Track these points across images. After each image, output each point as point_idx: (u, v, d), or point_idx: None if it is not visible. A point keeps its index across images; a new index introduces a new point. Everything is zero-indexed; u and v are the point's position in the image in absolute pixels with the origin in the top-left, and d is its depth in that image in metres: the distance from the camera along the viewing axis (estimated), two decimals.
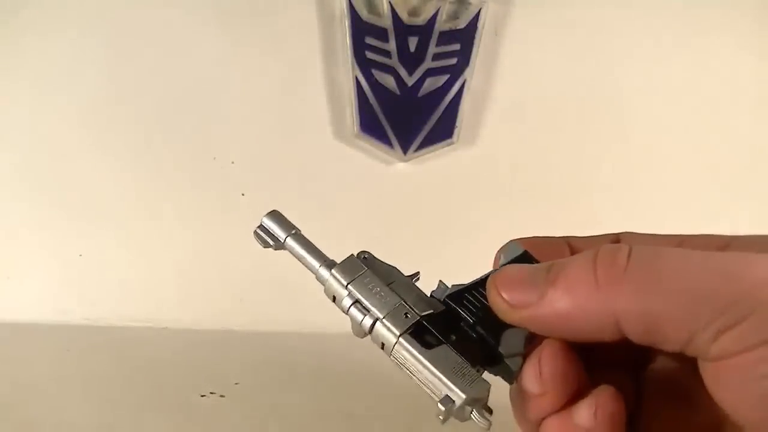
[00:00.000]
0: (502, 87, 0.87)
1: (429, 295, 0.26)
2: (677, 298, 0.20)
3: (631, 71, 0.88)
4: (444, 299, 0.25)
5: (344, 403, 0.65)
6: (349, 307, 0.25)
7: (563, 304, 0.21)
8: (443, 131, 0.85)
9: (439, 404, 0.22)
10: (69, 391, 0.66)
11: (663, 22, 0.87)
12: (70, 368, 0.73)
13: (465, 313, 0.25)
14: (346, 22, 0.81)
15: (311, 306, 0.86)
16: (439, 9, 0.81)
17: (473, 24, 0.82)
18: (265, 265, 0.87)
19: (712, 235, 0.26)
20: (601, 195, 0.88)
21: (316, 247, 0.27)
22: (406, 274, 0.27)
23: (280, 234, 0.27)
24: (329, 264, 0.26)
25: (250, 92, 0.85)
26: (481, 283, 0.25)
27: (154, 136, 0.85)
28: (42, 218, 0.85)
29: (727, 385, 0.20)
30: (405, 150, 0.85)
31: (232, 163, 0.86)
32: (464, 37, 0.83)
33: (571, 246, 0.29)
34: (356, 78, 0.83)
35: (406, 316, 0.24)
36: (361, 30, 0.81)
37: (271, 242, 0.27)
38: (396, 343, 0.24)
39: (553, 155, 0.88)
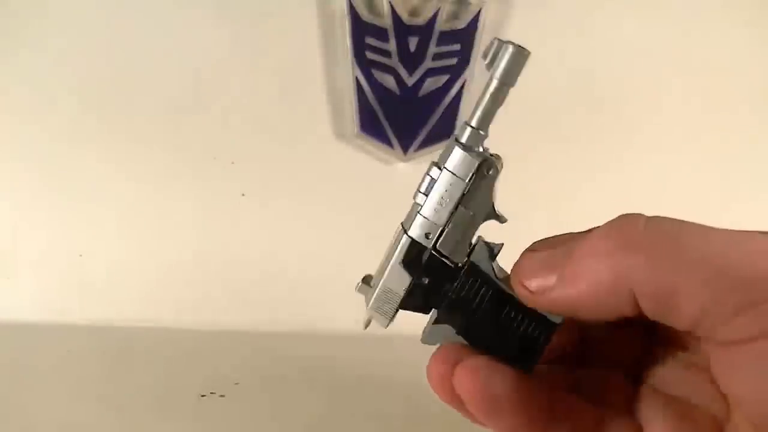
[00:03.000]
0: None
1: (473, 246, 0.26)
2: (694, 269, 0.18)
3: (632, 71, 0.88)
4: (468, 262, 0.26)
5: (344, 402, 0.65)
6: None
7: (580, 281, 0.21)
8: (443, 131, 0.85)
9: (360, 282, 0.26)
10: (69, 391, 0.66)
11: (664, 22, 0.87)
12: (70, 368, 0.73)
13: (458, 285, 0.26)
14: (346, 22, 0.81)
15: (311, 306, 0.87)
16: (439, 9, 0.81)
17: (473, 24, 0.82)
18: (265, 264, 0.87)
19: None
20: (601, 195, 0.88)
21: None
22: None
23: None
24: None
25: (250, 92, 0.85)
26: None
27: (153, 136, 0.84)
28: (42, 218, 0.85)
29: (738, 371, 0.19)
30: (405, 150, 0.85)
31: (232, 163, 0.86)
32: (464, 37, 0.83)
33: None
34: (356, 78, 0.82)
35: (427, 237, 0.26)
36: (361, 30, 0.81)
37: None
38: (400, 236, 0.27)
39: (553, 155, 0.88)
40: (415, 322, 0.27)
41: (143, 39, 0.83)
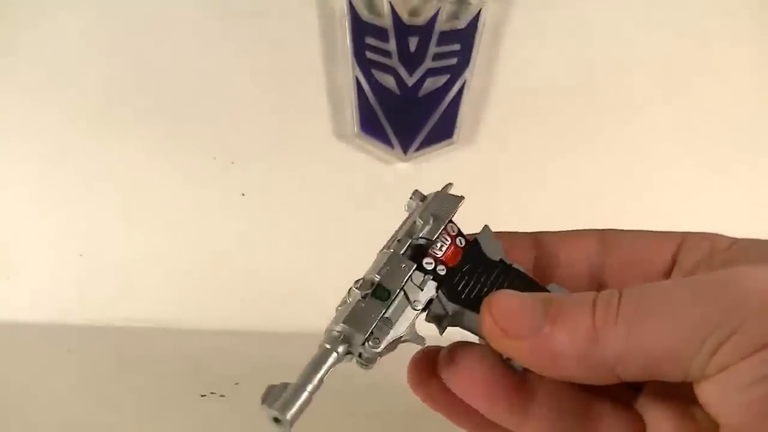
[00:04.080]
0: (502, 87, 0.87)
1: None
2: (668, 333, 0.20)
3: (632, 71, 0.88)
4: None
5: (344, 402, 0.65)
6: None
7: (561, 345, 0.21)
8: (443, 131, 0.85)
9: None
10: (69, 391, 0.66)
11: (664, 22, 0.87)
12: (70, 368, 0.73)
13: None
14: (346, 22, 0.81)
15: (311, 306, 0.86)
16: (439, 9, 0.81)
17: (473, 24, 0.82)
18: (265, 265, 0.87)
19: (716, 235, 0.26)
20: (601, 194, 0.88)
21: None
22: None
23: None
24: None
25: (250, 92, 0.85)
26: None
27: (153, 136, 0.84)
28: (42, 218, 0.85)
29: (721, 396, 0.20)
30: (405, 150, 0.85)
31: (232, 163, 0.86)
32: (464, 37, 0.83)
33: (540, 242, 0.29)
34: (356, 78, 0.82)
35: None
36: (361, 30, 0.81)
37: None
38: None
39: (553, 155, 0.88)
40: (416, 322, 0.27)
41: (143, 39, 0.83)
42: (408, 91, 0.83)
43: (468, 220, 0.29)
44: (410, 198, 0.28)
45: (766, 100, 0.90)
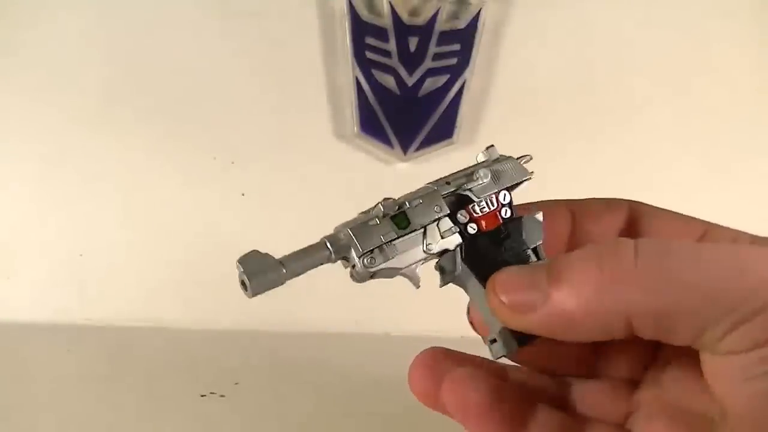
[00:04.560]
0: (502, 87, 0.87)
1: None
2: (688, 295, 0.19)
3: (632, 71, 0.88)
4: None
5: (344, 402, 0.65)
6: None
7: (570, 305, 0.20)
8: (443, 131, 0.85)
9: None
10: (69, 391, 0.66)
11: (663, 22, 0.87)
12: (70, 368, 0.73)
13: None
14: (346, 22, 0.81)
15: (311, 306, 0.86)
16: (439, 9, 0.81)
17: (473, 24, 0.82)
18: None
19: (739, 231, 0.26)
20: (601, 194, 0.88)
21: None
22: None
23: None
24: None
25: (250, 92, 0.85)
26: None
27: (153, 136, 0.84)
28: (42, 218, 0.85)
29: (729, 380, 0.20)
30: (405, 150, 0.85)
31: (232, 163, 0.86)
32: (464, 37, 0.83)
33: (573, 212, 0.28)
34: (356, 78, 0.82)
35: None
36: (361, 30, 0.81)
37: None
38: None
39: (553, 155, 0.88)
40: (416, 321, 0.27)
41: (143, 39, 0.83)
42: (408, 91, 0.83)
43: None
44: (484, 150, 0.27)
45: (766, 100, 0.90)
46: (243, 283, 0.23)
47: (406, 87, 0.83)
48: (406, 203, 0.25)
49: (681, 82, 0.89)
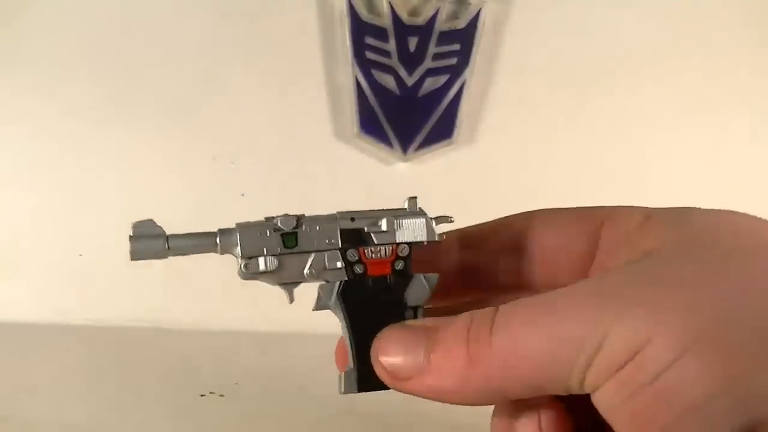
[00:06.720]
0: (502, 87, 0.87)
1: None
2: (540, 360, 0.20)
3: (632, 70, 0.88)
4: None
5: (344, 402, 0.65)
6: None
7: (445, 382, 0.21)
8: (443, 131, 0.85)
9: None
10: (69, 391, 0.66)
11: (663, 21, 0.87)
12: (70, 368, 0.73)
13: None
14: (346, 22, 0.81)
15: (311, 306, 0.86)
16: (439, 9, 0.81)
17: (473, 24, 0.82)
18: None
19: (632, 209, 0.26)
20: (601, 194, 0.88)
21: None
22: None
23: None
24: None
25: (250, 92, 0.85)
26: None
27: (153, 135, 0.84)
28: (42, 218, 0.85)
29: (607, 410, 0.20)
30: (405, 150, 0.85)
31: (232, 163, 0.86)
32: (464, 37, 0.83)
33: (467, 239, 0.29)
34: (356, 78, 0.82)
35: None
36: (361, 30, 0.81)
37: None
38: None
39: (553, 155, 0.88)
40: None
41: (142, 39, 0.83)
42: (408, 91, 0.83)
43: (468, 220, 0.29)
44: (408, 199, 0.27)
45: (766, 100, 0.90)
46: (130, 241, 0.26)
47: (406, 87, 0.83)
48: (303, 225, 0.25)
49: (682, 83, 0.89)
